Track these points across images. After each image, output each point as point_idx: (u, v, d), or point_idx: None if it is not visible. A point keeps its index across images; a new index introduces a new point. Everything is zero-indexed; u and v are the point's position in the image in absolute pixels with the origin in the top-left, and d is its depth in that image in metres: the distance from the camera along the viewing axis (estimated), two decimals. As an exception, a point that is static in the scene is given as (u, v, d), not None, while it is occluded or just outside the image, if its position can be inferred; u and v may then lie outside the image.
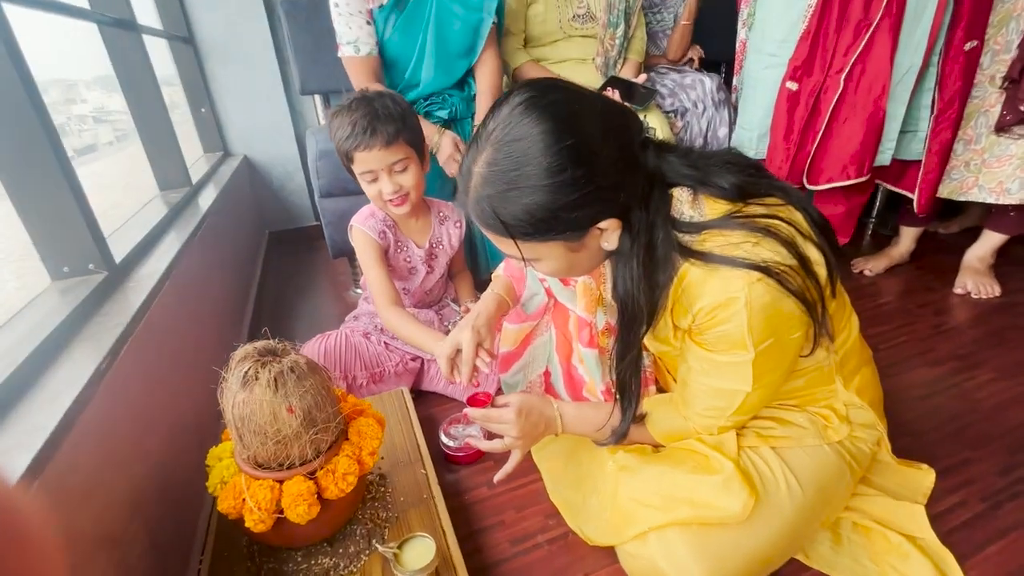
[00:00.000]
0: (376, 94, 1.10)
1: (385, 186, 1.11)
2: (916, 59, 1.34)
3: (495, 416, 0.82)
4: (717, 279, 0.63)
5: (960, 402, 1.18)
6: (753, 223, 0.63)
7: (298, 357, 0.71)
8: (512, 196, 0.59)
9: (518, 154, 0.58)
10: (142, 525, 0.70)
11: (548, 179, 0.57)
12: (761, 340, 0.64)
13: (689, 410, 0.76)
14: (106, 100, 1.61)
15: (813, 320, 0.65)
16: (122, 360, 0.74)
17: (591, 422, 0.85)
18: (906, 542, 0.82)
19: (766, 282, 0.61)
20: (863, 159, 1.43)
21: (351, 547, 0.79)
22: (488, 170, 0.60)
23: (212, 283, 1.36)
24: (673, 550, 0.72)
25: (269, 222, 2.43)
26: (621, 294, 0.68)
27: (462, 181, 0.64)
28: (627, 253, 0.65)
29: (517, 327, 1.08)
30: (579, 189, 0.58)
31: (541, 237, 0.62)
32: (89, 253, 0.88)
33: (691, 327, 0.68)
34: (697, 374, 0.72)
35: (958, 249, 1.76)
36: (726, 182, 0.65)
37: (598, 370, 0.95)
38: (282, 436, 0.68)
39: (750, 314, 0.62)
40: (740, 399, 0.70)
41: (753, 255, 0.61)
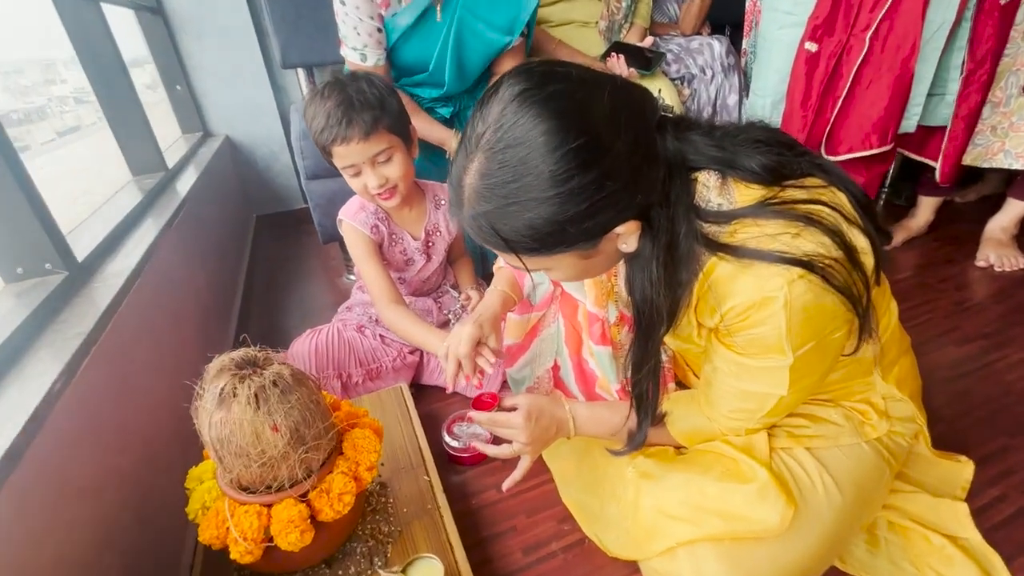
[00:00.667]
0: (350, 77, 0.98)
1: (370, 180, 1.01)
2: (949, 14, 1.23)
3: (502, 420, 0.76)
4: (750, 276, 0.55)
5: (991, 384, 1.12)
6: (792, 210, 0.55)
7: (281, 368, 0.63)
8: (512, 211, 0.51)
9: (515, 162, 0.49)
10: (117, 558, 0.64)
11: (553, 189, 0.49)
12: (801, 344, 0.56)
13: (713, 411, 0.70)
14: (85, 80, 1.49)
15: (858, 316, 0.57)
16: (84, 374, 0.65)
17: (606, 424, 0.78)
18: (949, 544, 0.76)
19: (808, 279, 0.53)
20: (887, 126, 1.33)
21: (351, 568, 0.72)
22: (482, 183, 0.51)
23: (194, 276, 1.27)
24: (705, 567, 0.66)
25: (256, 205, 2.32)
26: (639, 300, 0.60)
27: (453, 193, 0.55)
28: (646, 255, 0.57)
29: (522, 317, 1.00)
30: (590, 196, 0.50)
31: (548, 251, 0.54)
32: (45, 251, 0.79)
33: (718, 327, 0.61)
34: (724, 376, 0.65)
35: (977, 218, 1.68)
36: (757, 164, 0.56)
37: (612, 368, 0.88)
38: (267, 457, 0.60)
39: (789, 316, 0.54)
40: (772, 403, 0.63)
41: (793, 248, 0.53)
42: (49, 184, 0.82)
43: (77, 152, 1.55)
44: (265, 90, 2.12)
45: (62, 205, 0.85)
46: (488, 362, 0.81)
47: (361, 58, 1.24)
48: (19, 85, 1.40)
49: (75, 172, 1.51)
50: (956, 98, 1.34)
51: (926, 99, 1.36)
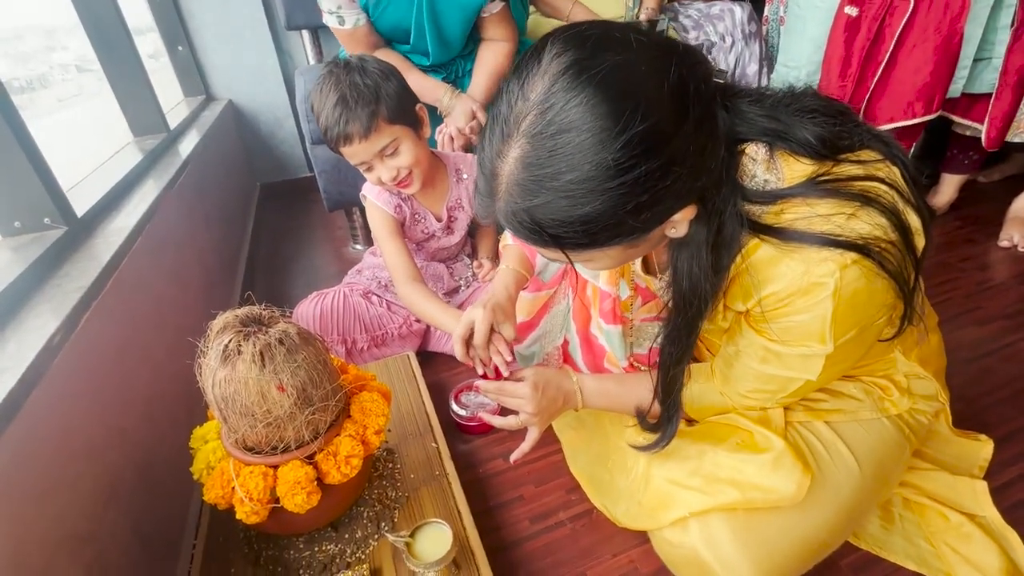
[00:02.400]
0: (345, 67, 0.93)
1: (382, 173, 0.97)
2: None
3: (509, 390, 0.74)
4: (797, 260, 0.50)
5: (1013, 365, 1.09)
6: (847, 188, 0.50)
7: (288, 326, 0.61)
8: (563, 206, 0.44)
9: (569, 150, 0.42)
10: (121, 516, 0.63)
11: (614, 180, 0.42)
12: (844, 332, 0.52)
13: (729, 388, 0.67)
14: (88, 48, 1.45)
15: (905, 302, 0.53)
16: (85, 328, 0.63)
17: (615, 398, 0.76)
18: (967, 521, 0.75)
19: (862, 264, 0.48)
20: (933, 92, 1.25)
21: (358, 532, 0.71)
22: (526, 174, 0.44)
23: (196, 239, 1.24)
24: (717, 538, 0.64)
25: (260, 174, 2.28)
26: (687, 288, 0.54)
27: (485, 181, 0.48)
28: (699, 240, 0.51)
29: (533, 296, 0.97)
30: (654, 185, 0.44)
31: (599, 247, 0.48)
32: (44, 206, 0.76)
33: (751, 311, 0.56)
34: (747, 359, 0.61)
35: (1000, 199, 1.63)
36: (813, 135, 0.51)
37: (622, 346, 0.85)
38: (273, 418, 0.58)
39: (837, 305, 0.50)
40: (797, 386, 0.60)
41: (847, 230, 0.48)
42: (49, 146, 0.79)
43: (77, 116, 1.52)
44: (269, 53, 2.06)
45: (62, 165, 0.82)
46: (503, 360, 0.76)
47: (339, 21, 1.19)
48: (19, 52, 1.36)
49: (75, 134, 1.47)
50: (1005, 56, 1.25)
51: (971, 64, 1.28)
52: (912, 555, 0.74)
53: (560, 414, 0.78)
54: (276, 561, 0.69)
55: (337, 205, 1.63)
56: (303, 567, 0.68)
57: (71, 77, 1.53)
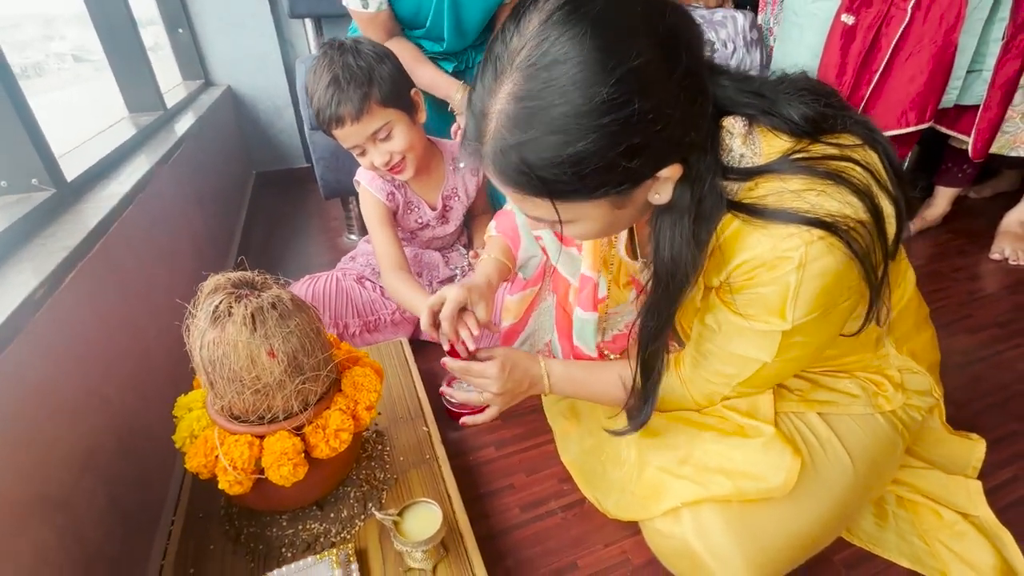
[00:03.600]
0: (339, 49, 0.92)
1: (375, 158, 0.96)
2: None
3: (476, 370, 0.74)
4: (765, 235, 0.50)
5: (1003, 372, 1.09)
6: (821, 166, 0.50)
7: (281, 292, 0.59)
8: (554, 142, 0.44)
9: (562, 82, 0.42)
10: (99, 484, 0.60)
11: (606, 116, 0.42)
12: (806, 312, 0.52)
13: (694, 372, 0.65)
14: (87, 38, 1.43)
15: (870, 289, 0.52)
16: (69, 287, 0.61)
17: (582, 384, 0.76)
18: (961, 519, 0.74)
19: (829, 241, 0.48)
20: (926, 102, 1.27)
21: (344, 511, 0.69)
22: (518, 107, 0.44)
23: (189, 217, 1.22)
24: (709, 529, 0.63)
25: (257, 162, 2.26)
26: (668, 258, 0.53)
27: (474, 123, 0.48)
28: (682, 206, 0.51)
29: (519, 296, 0.96)
30: (646, 127, 0.44)
31: (588, 195, 0.48)
32: (32, 166, 0.74)
33: (722, 284, 0.56)
34: (712, 334, 0.61)
35: (990, 214, 1.66)
36: (798, 113, 0.51)
37: (593, 334, 0.84)
38: (262, 384, 0.57)
39: (800, 280, 0.49)
40: (754, 368, 0.59)
41: (816, 207, 0.48)
42: (43, 121, 0.77)
43: (72, 99, 1.49)
44: (271, 41, 2.05)
45: (55, 139, 0.80)
46: (470, 334, 0.75)
47: (362, 4, 1.17)
48: (16, 40, 1.33)
49: (69, 114, 1.45)
50: (994, 66, 1.28)
51: None
52: (906, 552, 0.74)
53: (524, 397, 0.78)
54: (258, 538, 0.67)
55: (334, 193, 1.61)
56: (286, 545, 0.66)
57: (67, 66, 1.51)
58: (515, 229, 0.89)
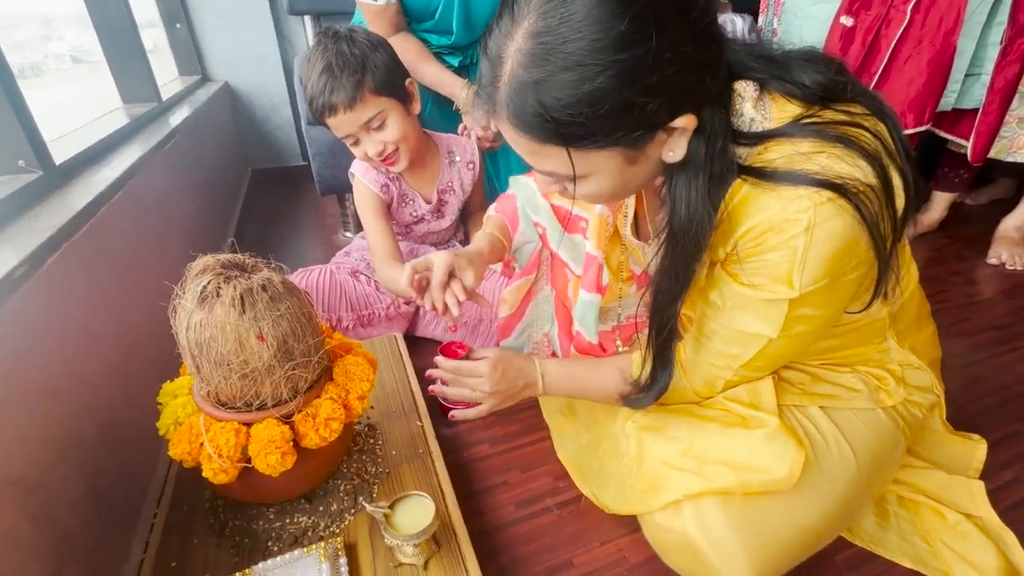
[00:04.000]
0: (333, 37, 0.91)
1: (368, 147, 0.95)
2: None
3: (467, 368, 0.74)
4: (773, 198, 0.50)
5: (1003, 373, 1.09)
6: (832, 130, 0.49)
7: (272, 275, 0.57)
8: (569, 81, 0.43)
9: (579, 16, 0.42)
10: (75, 470, 0.58)
11: (622, 52, 0.42)
12: (813, 280, 0.51)
13: (696, 357, 0.64)
14: (85, 39, 1.42)
15: (879, 261, 0.51)
16: (52, 269, 0.59)
17: (581, 380, 0.74)
18: (964, 520, 0.73)
19: (838, 204, 0.47)
20: (925, 104, 1.27)
21: (333, 505, 0.67)
22: (534, 44, 0.44)
23: (181, 208, 1.20)
24: (710, 523, 0.61)
25: (252, 159, 2.24)
26: (684, 217, 0.52)
27: (490, 67, 0.48)
28: (697, 163, 0.50)
29: (514, 286, 0.95)
30: (662, 67, 0.43)
31: (602, 140, 0.47)
32: (19, 147, 0.72)
33: (728, 255, 0.55)
34: (717, 311, 0.59)
35: (986, 220, 1.66)
36: (810, 79, 0.51)
37: (594, 319, 0.82)
38: (250, 369, 0.55)
39: (808, 243, 0.49)
40: (758, 347, 0.58)
41: (826, 169, 0.48)
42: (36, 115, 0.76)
43: (67, 95, 1.48)
44: (269, 38, 2.04)
45: (48, 124, 0.78)
46: (456, 300, 0.72)
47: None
48: (15, 39, 1.32)
49: (63, 108, 1.43)
50: (992, 71, 1.29)
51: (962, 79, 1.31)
52: (908, 553, 0.72)
53: (518, 399, 0.77)
54: (243, 532, 0.64)
55: (330, 190, 1.59)
56: (272, 539, 0.64)
57: (65, 67, 1.50)
58: (514, 211, 0.88)
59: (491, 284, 1.06)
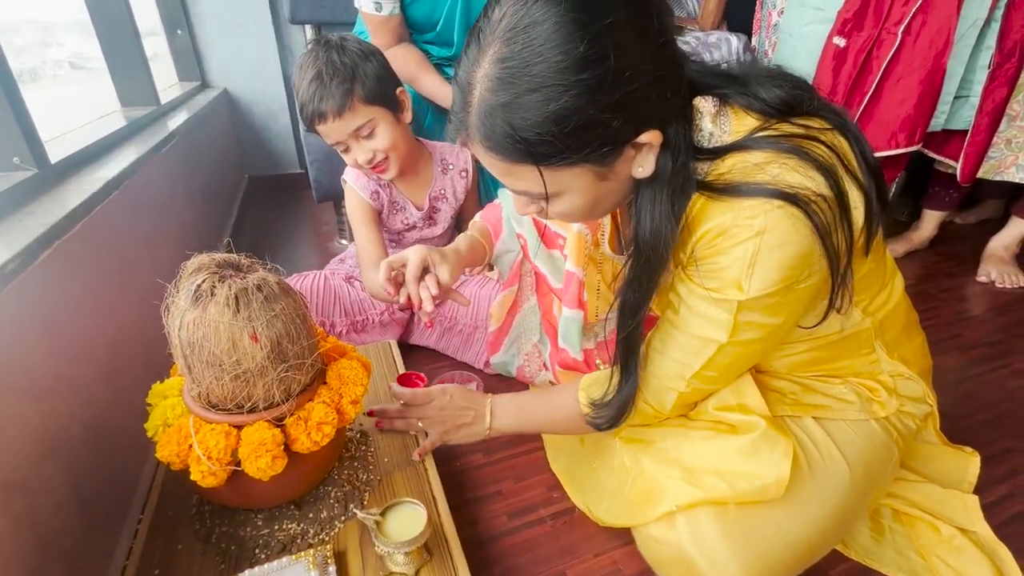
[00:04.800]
0: (324, 45, 0.92)
1: (358, 155, 0.96)
2: (982, 11, 1.21)
3: (421, 394, 0.78)
4: (728, 207, 0.51)
5: (995, 390, 1.10)
6: (785, 141, 0.51)
7: (267, 275, 0.57)
8: (535, 102, 0.45)
9: (540, 41, 0.44)
10: (61, 471, 0.56)
11: (584, 72, 0.44)
12: (763, 285, 0.51)
13: (649, 370, 0.63)
14: (84, 45, 1.42)
15: (832, 274, 0.52)
16: (44, 265, 0.59)
17: (533, 410, 0.75)
18: (958, 534, 0.73)
19: (789, 211, 0.48)
20: (916, 125, 1.30)
21: (323, 512, 0.66)
22: (500, 69, 0.45)
23: (177, 211, 1.19)
24: (704, 535, 0.60)
25: (250, 165, 2.24)
26: (648, 232, 0.53)
27: (461, 95, 0.50)
28: (663, 178, 0.51)
29: (499, 299, 0.95)
30: (624, 85, 0.45)
31: (571, 157, 0.48)
32: (14, 144, 0.72)
33: (686, 260, 0.56)
34: (671, 318, 0.60)
35: (976, 239, 1.69)
36: (770, 94, 0.52)
37: (578, 335, 0.82)
38: (242, 370, 0.54)
39: (758, 248, 0.49)
40: (709, 353, 0.57)
41: (778, 179, 0.49)
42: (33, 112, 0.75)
43: (67, 96, 1.48)
44: (270, 46, 2.05)
45: (45, 124, 0.78)
46: (430, 295, 0.72)
47: (376, 7, 1.18)
48: (13, 44, 1.33)
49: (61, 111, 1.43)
50: (982, 93, 1.32)
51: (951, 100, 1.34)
52: (903, 567, 0.72)
53: (466, 434, 0.77)
54: (230, 538, 0.63)
55: (327, 196, 1.59)
56: (260, 546, 0.62)
57: (64, 72, 1.50)
58: (499, 220, 0.89)
59: (486, 291, 1.06)
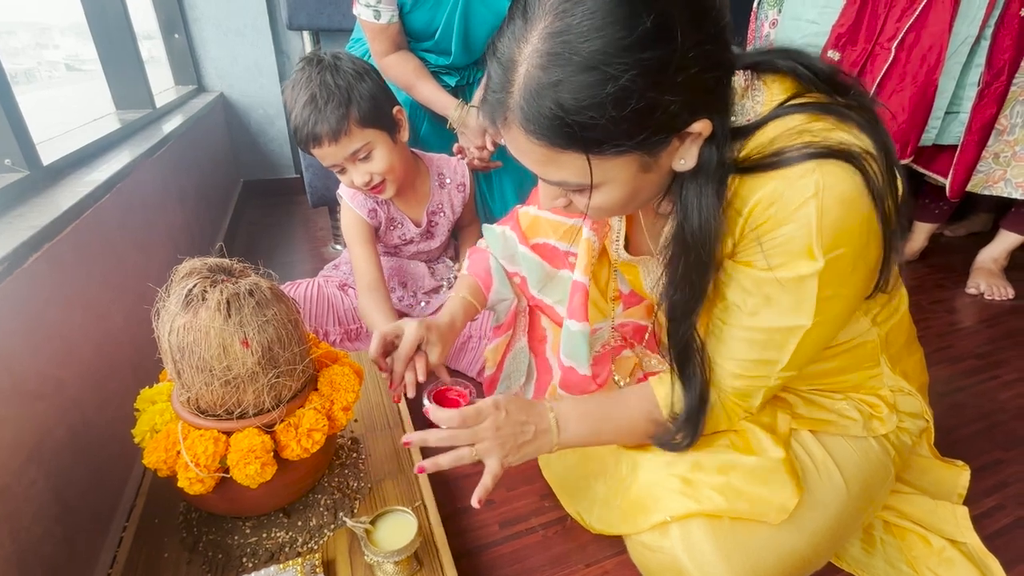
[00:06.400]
0: (317, 65, 0.89)
1: (355, 177, 0.94)
2: (973, 29, 1.24)
3: (469, 412, 0.59)
4: (775, 174, 0.47)
5: (985, 401, 1.10)
6: (822, 107, 0.48)
7: (260, 280, 0.56)
8: (591, 81, 0.41)
9: (602, 14, 0.39)
10: (44, 476, 0.55)
11: (648, 50, 0.40)
12: (833, 246, 0.47)
13: (721, 370, 0.59)
14: (80, 48, 1.42)
15: (885, 241, 0.49)
16: (32, 267, 0.58)
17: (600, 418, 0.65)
18: (949, 546, 0.73)
19: (842, 165, 0.45)
20: (907, 138, 1.31)
21: (313, 520, 0.65)
22: (553, 43, 0.41)
23: (170, 214, 1.19)
24: (698, 545, 0.60)
25: (245, 170, 2.24)
26: (696, 226, 0.50)
27: (501, 73, 0.45)
28: (708, 170, 0.48)
29: (494, 344, 0.93)
30: (687, 65, 0.41)
31: (623, 145, 0.44)
32: (6, 146, 0.71)
33: (737, 243, 0.52)
34: (737, 313, 0.54)
35: (965, 251, 1.71)
36: (817, 64, 0.50)
37: (586, 349, 0.77)
38: (233, 375, 0.53)
39: (821, 208, 0.45)
40: (795, 341, 0.52)
41: (824, 138, 0.46)
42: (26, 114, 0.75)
43: (61, 97, 1.47)
44: (267, 51, 2.06)
45: (38, 126, 0.77)
46: (415, 379, 0.70)
47: (375, 15, 1.18)
48: (9, 46, 1.33)
49: (56, 109, 1.43)
50: (971, 110, 1.34)
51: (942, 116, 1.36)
52: (894, 579, 0.72)
53: (522, 453, 0.63)
54: (217, 546, 0.62)
55: (322, 201, 1.59)
56: (247, 555, 0.61)
57: (59, 74, 1.49)
58: (487, 271, 0.86)
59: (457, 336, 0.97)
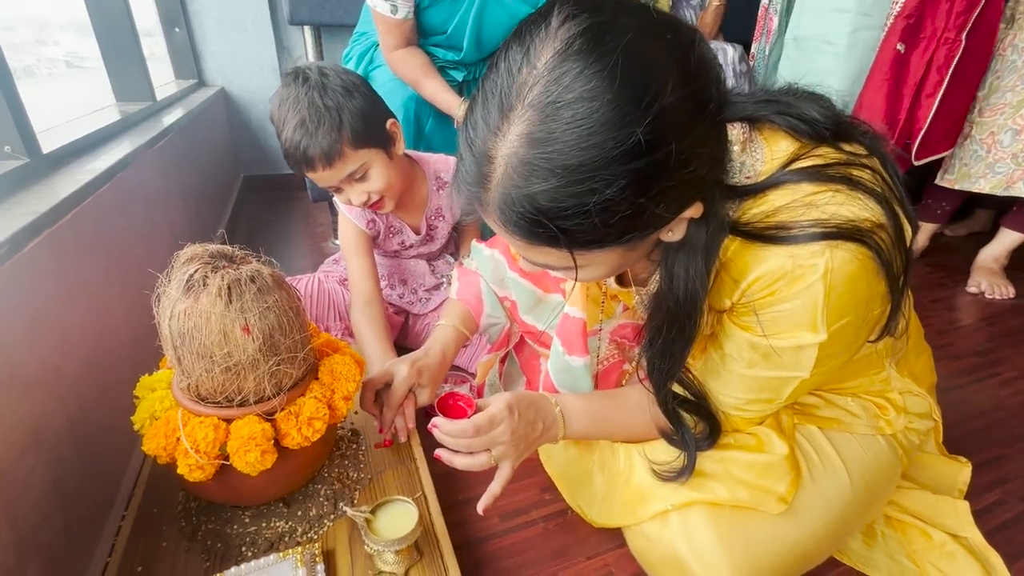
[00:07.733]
0: (304, 83, 0.83)
1: (352, 197, 0.91)
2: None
3: (481, 421, 0.58)
4: (781, 249, 0.46)
5: (984, 398, 1.10)
6: (832, 171, 0.47)
7: (261, 267, 0.56)
8: (578, 191, 0.38)
9: (589, 123, 0.36)
10: (42, 464, 0.55)
11: (639, 160, 0.37)
12: (838, 319, 0.47)
13: (719, 402, 0.61)
14: (81, 44, 1.41)
15: (892, 297, 0.49)
16: (31, 253, 0.58)
17: (604, 415, 0.68)
18: (950, 540, 0.73)
19: (851, 247, 0.45)
20: (960, 127, 1.38)
21: (312, 510, 0.65)
22: (534, 152, 0.38)
23: (170, 205, 1.18)
24: (697, 536, 0.60)
25: (245, 165, 2.23)
26: (682, 297, 0.49)
27: (475, 165, 0.41)
28: (696, 244, 0.47)
29: (485, 360, 0.92)
30: (679, 169, 0.39)
31: (610, 242, 0.42)
32: (6, 133, 0.71)
33: (736, 305, 0.52)
34: (734, 363, 0.56)
35: (966, 251, 1.72)
36: (818, 112, 0.47)
37: (588, 378, 0.74)
38: (233, 362, 0.53)
39: (828, 289, 0.45)
40: (791, 388, 0.55)
41: (835, 216, 0.45)
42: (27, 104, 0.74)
43: (62, 91, 1.47)
44: (268, 46, 2.05)
45: (39, 116, 0.77)
46: (404, 428, 0.72)
47: (392, 10, 1.17)
48: (8, 41, 1.32)
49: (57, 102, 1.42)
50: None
51: None
52: (895, 572, 0.72)
53: (537, 445, 0.65)
54: (216, 536, 0.61)
55: (322, 196, 1.59)
56: (247, 544, 0.61)
57: (59, 71, 1.49)
58: (478, 297, 0.84)
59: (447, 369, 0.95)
